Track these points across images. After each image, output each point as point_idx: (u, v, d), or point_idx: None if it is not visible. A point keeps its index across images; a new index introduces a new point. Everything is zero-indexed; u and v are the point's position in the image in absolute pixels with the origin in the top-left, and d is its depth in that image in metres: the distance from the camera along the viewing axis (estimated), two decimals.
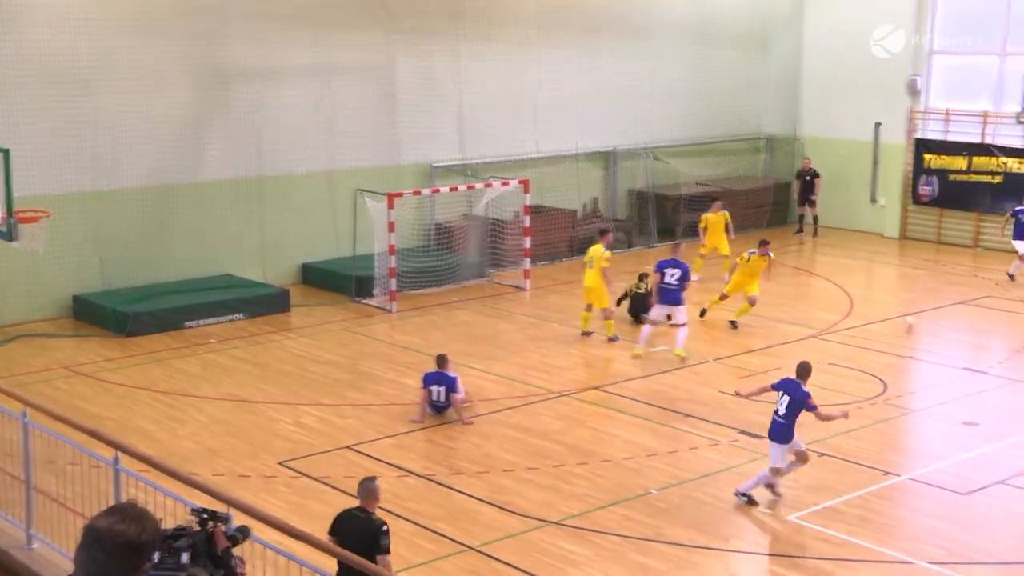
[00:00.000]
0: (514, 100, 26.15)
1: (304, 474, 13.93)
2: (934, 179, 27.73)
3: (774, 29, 30.25)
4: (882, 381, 17.35)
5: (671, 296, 18.54)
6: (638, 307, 20.45)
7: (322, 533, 10.65)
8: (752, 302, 20.06)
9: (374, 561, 8.81)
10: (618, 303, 20.54)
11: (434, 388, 15.74)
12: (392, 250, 21.60)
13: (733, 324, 20.24)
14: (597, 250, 19.43)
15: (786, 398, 12.94)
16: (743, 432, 15.27)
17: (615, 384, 17.47)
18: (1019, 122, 25.44)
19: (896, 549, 12.04)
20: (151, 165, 21.53)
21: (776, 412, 13.01)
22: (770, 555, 12.12)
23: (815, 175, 28.29)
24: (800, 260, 26.56)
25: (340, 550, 8.48)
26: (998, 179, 26.67)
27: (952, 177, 27.40)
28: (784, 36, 30.22)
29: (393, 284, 21.72)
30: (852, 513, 12.87)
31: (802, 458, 13.25)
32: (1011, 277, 23.60)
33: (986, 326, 21.01)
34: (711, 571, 11.80)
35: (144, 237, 21.56)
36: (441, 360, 15.87)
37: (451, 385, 15.70)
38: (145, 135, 21.35)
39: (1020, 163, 26.28)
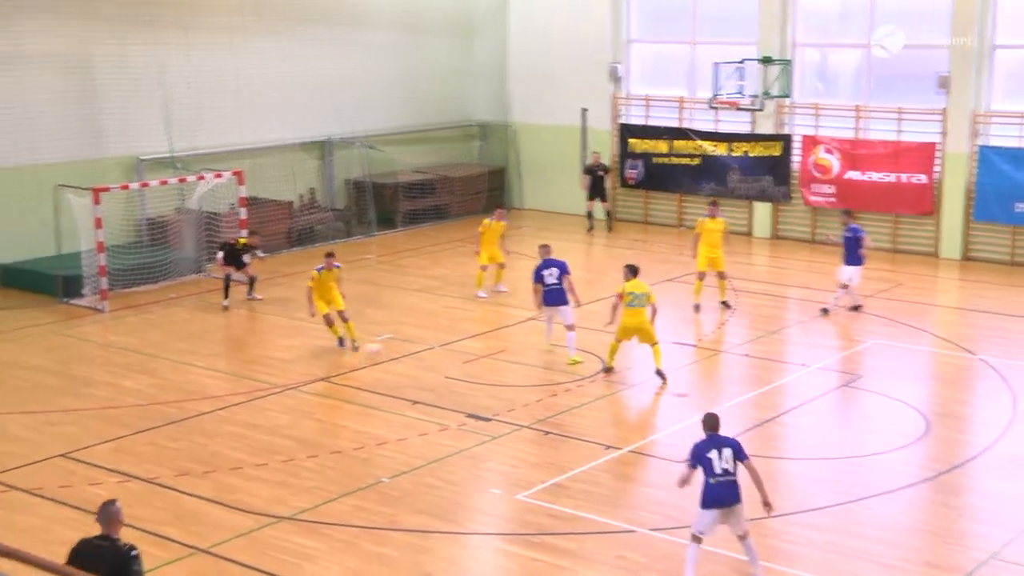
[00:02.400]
0: (224, 90, 25.46)
1: (13, 487, 13.13)
2: (639, 163, 29.01)
3: (480, 18, 30.79)
4: (602, 359, 17.99)
5: (553, 296, 17.79)
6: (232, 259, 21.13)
7: (35, 549, 10.07)
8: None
9: None
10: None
11: (546, 272, 17.64)
12: (101, 247, 20.63)
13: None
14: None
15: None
16: (470, 416, 15.51)
17: (341, 375, 17.34)
18: (711, 107, 26.94)
19: (619, 519, 12.52)
20: None
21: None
22: (502, 535, 12.34)
23: (605, 170, 28.29)
24: (522, 246, 27.15)
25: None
26: (696, 161, 28.21)
27: (655, 160, 28.76)
28: (490, 25, 30.81)
29: (104, 283, 20.75)
30: (577, 488, 13.29)
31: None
32: (825, 311, 20.51)
33: (691, 301, 22.11)
34: (446, 555, 11.92)
35: None
36: (545, 249, 18.14)
37: (563, 268, 17.70)
38: None
39: (715, 145, 27.88)
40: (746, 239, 27.60)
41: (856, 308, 20.62)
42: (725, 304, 20.82)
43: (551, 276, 17.79)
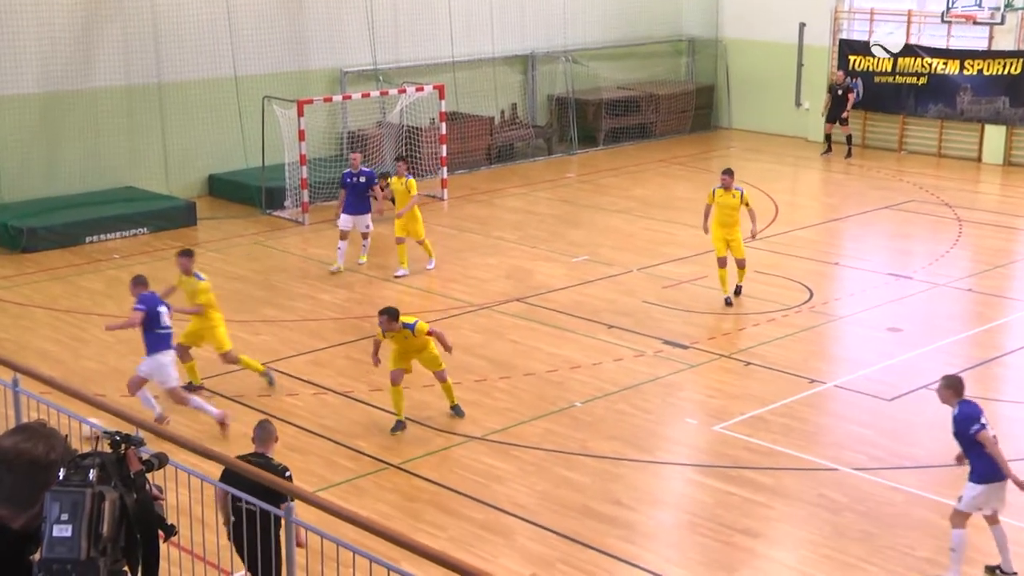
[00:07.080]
0: (427, 2, 25.20)
1: (218, 393, 13.39)
2: (859, 82, 27.37)
3: None
4: (808, 288, 17.12)
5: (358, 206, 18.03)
6: None
7: (241, 452, 10.09)
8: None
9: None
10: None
11: None
12: (303, 160, 20.80)
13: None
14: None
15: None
16: (667, 342, 14.96)
17: (537, 296, 17.01)
18: (944, 21, 25.13)
19: (821, 456, 11.90)
20: (41, 71, 20.40)
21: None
22: (696, 466, 11.88)
23: (848, 90, 26.27)
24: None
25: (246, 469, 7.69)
26: (923, 81, 26.43)
27: (877, 79, 27.10)
28: None
29: (305, 195, 20.95)
30: (777, 421, 12.67)
31: None
32: None
33: (911, 231, 20.87)
34: (636, 483, 11.54)
35: (37, 147, 20.55)
36: None
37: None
38: (34, 39, 20.18)
39: (945, 64, 26.03)
40: (975, 165, 25.81)
41: None
42: (738, 290, 16.69)
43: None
